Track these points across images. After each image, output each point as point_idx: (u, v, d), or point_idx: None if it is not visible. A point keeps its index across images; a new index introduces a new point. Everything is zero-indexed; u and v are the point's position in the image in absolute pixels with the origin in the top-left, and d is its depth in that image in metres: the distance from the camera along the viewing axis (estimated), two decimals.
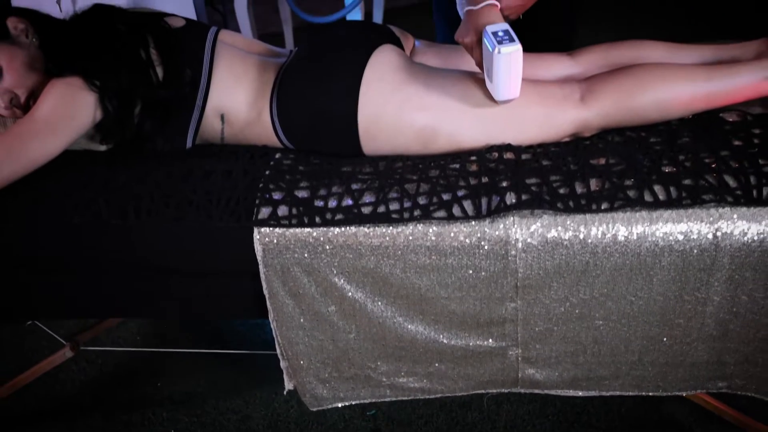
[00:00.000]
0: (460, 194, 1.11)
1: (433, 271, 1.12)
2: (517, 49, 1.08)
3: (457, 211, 1.09)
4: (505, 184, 1.11)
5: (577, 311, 1.14)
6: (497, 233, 1.08)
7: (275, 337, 1.22)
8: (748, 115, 1.22)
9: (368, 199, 1.12)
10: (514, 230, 1.08)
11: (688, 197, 1.06)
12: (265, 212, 1.12)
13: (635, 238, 1.07)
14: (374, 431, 1.56)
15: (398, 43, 1.35)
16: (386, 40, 1.29)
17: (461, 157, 1.19)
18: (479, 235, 1.09)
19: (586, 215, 1.07)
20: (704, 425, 1.48)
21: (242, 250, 1.13)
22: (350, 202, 1.12)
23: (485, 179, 1.12)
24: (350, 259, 1.12)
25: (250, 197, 1.14)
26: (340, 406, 1.31)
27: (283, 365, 1.27)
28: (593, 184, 1.10)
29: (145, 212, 1.13)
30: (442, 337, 1.19)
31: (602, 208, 1.07)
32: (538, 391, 1.26)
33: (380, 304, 1.16)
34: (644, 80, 1.18)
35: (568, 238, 1.08)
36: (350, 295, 1.15)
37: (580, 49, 1.37)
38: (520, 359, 1.21)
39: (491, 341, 1.19)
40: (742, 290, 1.09)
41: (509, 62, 1.09)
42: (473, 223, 1.09)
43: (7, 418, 1.63)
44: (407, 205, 1.11)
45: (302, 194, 1.14)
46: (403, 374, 1.25)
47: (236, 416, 1.63)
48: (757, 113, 1.23)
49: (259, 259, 1.13)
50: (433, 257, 1.11)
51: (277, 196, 1.14)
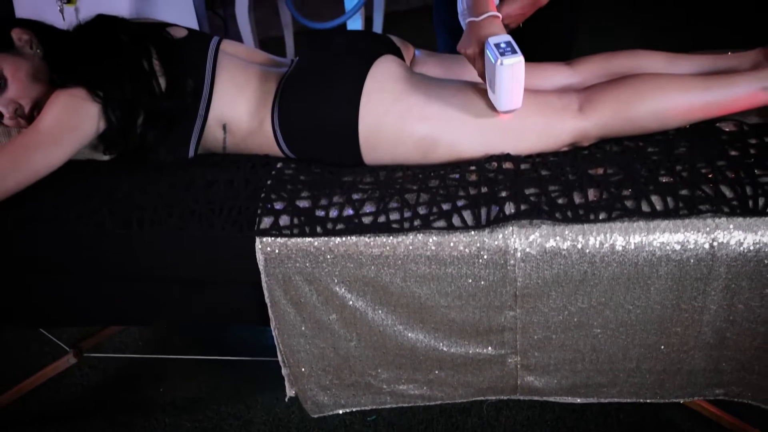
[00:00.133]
0: (459, 204, 1.12)
1: (433, 280, 1.13)
2: (519, 60, 1.10)
3: (456, 221, 1.11)
4: (504, 194, 1.12)
5: (575, 320, 1.15)
6: (496, 243, 1.10)
7: (277, 344, 1.23)
8: (744, 124, 1.23)
9: (369, 209, 1.14)
10: (513, 240, 1.09)
11: (684, 207, 1.07)
12: (266, 222, 1.13)
13: (633, 247, 1.08)
14: None
15: (398, 53, 1.37)
16: (387, 50, 1.31)
17: (461, 166, 1.20)
18: (478, 244, 1.10)
19: (584, 225, 1.09)
20: (702, 431, 1.49)
21: (244, 259, 1.14)
22: (351, 212, 1.13)
23: (485, 189, 1.14)
24: (351, 268, 1.13)
25: (252, 207, 1.15)
26: (341, 412, 1.33)
27: (284, 372, 1.28)
28: (591, 194, 1.11)
29: (148, 222, 1.15)
30: (441, 345, 1.20)
31: (600, 218, 1.08)
32: (537, 397, 1.27)
33: (381, 312, 1.17)
34: (642, 91, 1.20)
35: (566, 247, 1.09)
36: (351, 303, 1.17)
37: (578, 58, 1.39)
38: (519, 367, 1.22)
39: (490, 349, 1.20)
40: (738, 299, 1.11)
41: (511, 74, 1.10)
42: (473, 233, 1.10)
43: (11, 423, 1.65)
44: (407, 215, 1.12)
45: (303, 204, 1.15)
46: (403, 381, 1.26)
47: (238, 422, 1.64)
48: (753, 123, 1.24)
49: (261, 268, 1.14)
50: (433, 266, 1.12)
51: (278, 205, 1.15)
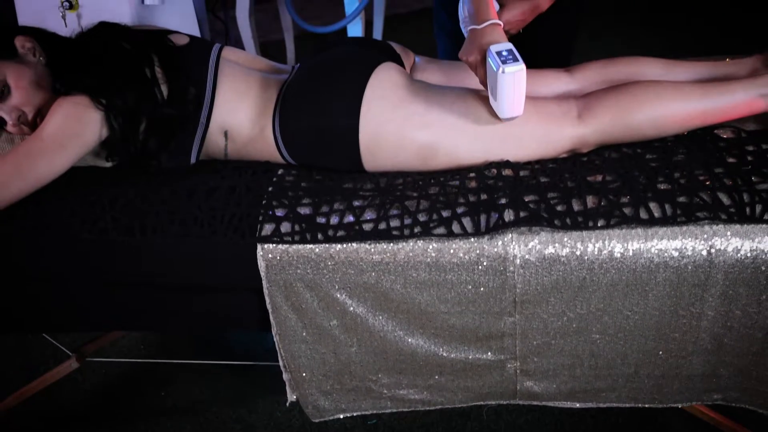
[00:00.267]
0: (459, 211, 1.13)
1: (433, 286, 1.14)
2: (520, 68, 1.11)
3: (456, 228, 1.12)
4: (503, 201, 1.13)
5: (574, 325, 1.16)
6: (496, 250, 1.11)
7: (278, 350, 1.24)
8: (742, 131, 1.24)
9: (369, 215, 1.14)
10: (512, 247, 1.10)
11: (682, 215, 1.08)
12: (268, 229, 1.14)
13: (631, 254, 1.09)
14: None
15: (398, 59, 1.38)
16: (387, 57, 1.31)
17: (460, 173, 1.21)
18: (478, 251, 1.11)
19: (582, 232, 1.10)
20: None
21: (246, 265, 1.15)
22: (352, 218, 1.14)
23: (484, 196, 1.15)
24: (352, 274, 1.14)
25: (253, 214, 1.16)
26: (341, 417, 1.34)
27: (285, 377, 1.29)
28: (590, 201, 1.12)
29: (150, 229, 1.16)
30: (441, 350, 1.21)
31: (599, 225, 1.09)
32: (536, 402, 1.28)
33: (381, 318, 1.18)
34: (640, 98, 1.21)
35: (565, 254, 1.10)
36: (352, 309, 1.17)
37: (577, 65, 1.40)
38: (518, 372, 1.23)
39: (490, 354, 1.21)
40: (735, 305, 1.12)
41: (513, 81, 1.12)
42: (472, 239, 1.11)
43: (13, 427, 1.65)
44: (408, 222, 1.13)
45: (305, 211, 1.16)
46: (403, 386, 1.27)
47: (239, 426, 1.65)
48: (751, 129, 1.25)
49: (262, 274, 1.15)
50: (432, 273, 1.13)
51: (280, 212, 1.16)
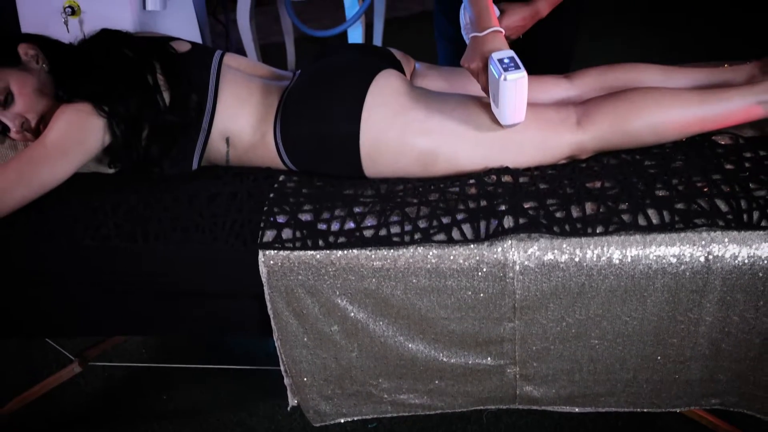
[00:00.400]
0: (459, 218, 1.14)
1: (433, 292, 1.15)
2: (522, 76, 1.12)
3: (456, 234, 1.12)
4: (503, 207, 1.14)
5: (573, 331, 1.17)
6: (495, 256, 1.11)
7: (279, 355, 1.25)
8: (740, 138, 1.25)
9: (370, 222, 1.15)
10: (511, 253, 1.11)
11: (680, 221, 1.09)
12: (269, 235, 1.15)
13: (629, 260, 1.10)
14: None
15: (399, 66, 1.39)
16: (388, 64, 1.33)
17: (460, 180, 1.22)
18: (478, 258, 1.12)
19: (581, 238, 1.10)
20: None
21: (247, 271, 1.16)
22: (352, 225, 1.15)
23: (484, 203, 1.16)
24: (352, 280, 1.15)
25: (254, 220, 1.17)
26: (342, 421, 1.35)
27: (287, 382, 1.30)
28: (589, 207, 1.13)
29: (153, 236, 1.16)
30: (441, 355, 1.22)
31: (597, 231, 1.10)
32: (535, 407, 1.29)
33: (382, 323, 1.19)
34: (639, 105, 1.22)
35: (564, 260, 1.11)
36: (352, 315, 1.18)
37: (576, 72, 1.41)
38: (518, 377, 1.24)
39: (490, 360, 1.22)
40: (733, 311, 1.12)
41: (515, 89, 1.13)
42: (472, 246, 1.12)
43: (17, 431, 1.66)
44: (408, 228, 1.14)
45: (306, 217, 1.17)
46: (404, 391, 1.28)
47: (240, 429, 1.66)
48: (748, 136, 1.26)
49: (263, 280, 1.16)
50: (433, 279, 1.14)
51: (281, 219, 1.17)
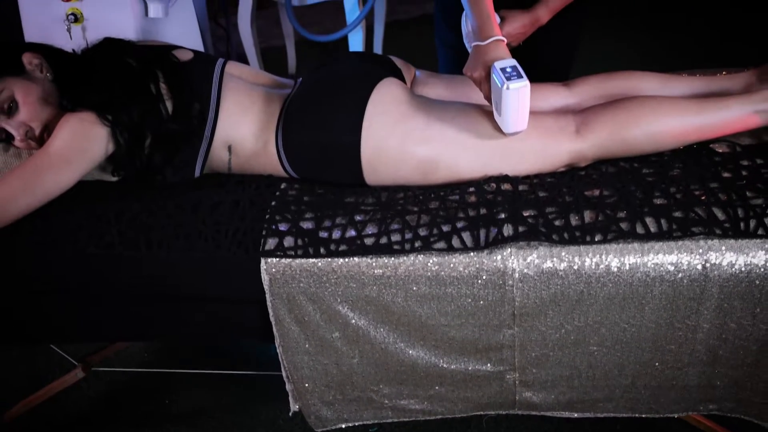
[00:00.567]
0: (459, 226, 1.15)
1: (433, 299, 1.16)
2: (525, 85, 1.13)
3: (456, 242, 1.14)
4: (502, 215, 1.15)
5: (572, 337, 1.18)
6: (495, 264, 1.13)
7: (281, 361, 1.26)
8: (737, 145, 1.26)
9: (371, 230, 1.17)
10: (511, 261, 1.12)
11: (678, 229, 1.10)
12: (271, 243, 1.16)
13: (627, 268, 1.11)
14: None
15: (399, 74, 1.40)
16: (388, 72, 1.34)
17: (460, 188, 1.23)
18: (478, 265, 1.13)
19: (580, 246, 1.12)
20: None
21: (250, 279, 1.17)
22: (353, 233, 1.16)
23: (483, 211, 1.17)
24: (354, 288, 1.16)
25: (257, 228, 1.18)
26: (343, 426, 1.36)
27: (288, 388, 1.31)
28: (587, 216, 1.14)
29: (156, 244, 1.18)
30: (442, 361, 1.23)
31: (596, 239, 1.11)
32: (535, 412, 1.30)
33: (382, 330, 1.20)
34: (637, 114, 1.23)
35: (563, 268, 1.12)
36: (353, 322, 1.20)
37: (575, 79, 1.42)
38: (517, 383, 1.25)
39: (489, 366, 1.23)
40: (730, 318, 1.14)
41: (517, 97, 1.14)
42: (472, 254, 1.13)
43: None
44: (408, 236, 1.15)
45: (307, 225, 1.18)
46: (404, 397, 1.29)
47: None
48: (745, 144, 1.27)
49: (266, 288, 1.17)
50: (433, 287, 1.15)
51: (283, 227, 1.18)
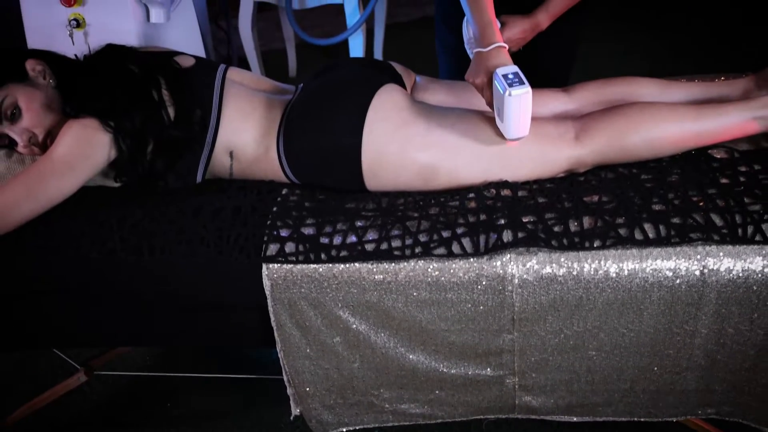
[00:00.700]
0: (459, 231, 1.16)
1: (433, 305, 1.17)
2: (526, 91, 1.14)
3: (456, 248, 1.14)
4: (502, 221, 1.16)
5: (571, 342, 1.19)
6: (495, 270, 1.14)
7: (282, 366, 1.27)
8: (735, 151, 1.27)
9: (371, 236, 1.18)
10: (510, 267, 1.13)
11: (676, 235, 1.11)
12: (273, 249, 1.17)
13: (626, 274, 1.12)
14: None
15: (400, 80, 1.40)
16: (389, 78, 1.34)
17: (460, 193, 1.24)
18: (477, 271, 1.14)
19: (579, 252, 1.13)
20: None
21: (251, 284, 1.18)
22: (354, 239, 1.17)
23: (483, 217, 1.18)
24: (354, 293, 1.17)
25: (258, 234, 1.19)
26: (344, 430, 1.37)
27: (289, 392, 1.32)
28: (586, 222, 1.15)
29: (158, 249, 1.19)
30: (442, 366, 1.24)
31: (595, 245, 1.12)
32: (534, 416, 1.31)
33: (383, 335, 1.21)
34: (636, 120, 1.24)
35: (562, 274, 1.13)
36: (354, 327, 1.21)
37: (574, 85, 1.43)
38: (517, 387, 1.26)
39: (489, 370, 1.24)
40: (728, 323, 1.15)
41: (519, 104, 1.15)
42: (472, 260, 1.14)
43: None
44: (408, 242, 1.16)
45: (308, 231, 1.19)
46: (405, 401, 1.30)
47: None
48: (743, 149, 1.28)
49: (267, 293, 1.18)
50: (433, 292, 1.16)
51: (284, 233, 1.19)
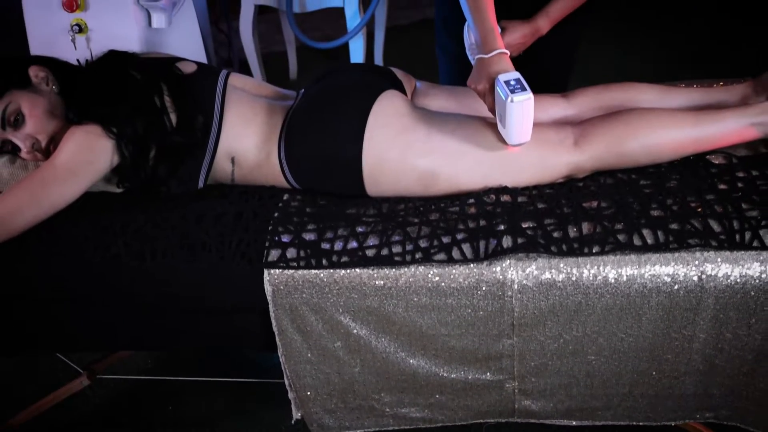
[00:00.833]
0: (459, 237, 1.17)
1: (433, 310, 1.18)
2: (528, 97, 1.15)
3: (456, 254, 1.15)
4: (502, 227, 1.17)
5: (570, 347, 1.20)
6: (494, 275, 1.14)
7: (284, 370, 1.28)
8: (733, 157, 1.28)
9: (372, 241, 1.18)
10: (510, 272, 1.14)
11: (674, 241, 1.12)
12: (274, 254, 1.18)
13: (625, 279, 1.13)
14: None
15: (400, 85, 1.41)
16: (389, 84, 1.35)
17: (460, 199, 1.25)
18: (477, 277, 1.15)
19: (578, 258, 1.13)
20: None
21: (253, 289, 1.19)
22: (355, 244, 1.18)
23: (483, 222, 1.18)
24: (355, 299, 1.18)
25: (260, 239, 1.20)
26: None
27: (291, 396, 1.33)
28: (585, 227, 1.16)
29: (161, 254, 1.20)
30: (442, 370, 1.25)
31: (593, 251, 1.13)
32: (533, 420, 1.32)
33: (384, 340, 1.22)
34: (635, 126, 1.24)
35: (561, 279, 1.14)
36: (355, 332, 1.21)
37: (574, 90, 1.43)
38: (516, 391, 1.27)
39: (489, 375, 1.25)
40: (726, 328, 1.15)
41: (522, 110, 1.16)
42: (472, 265, 1.15)
43: None
44: (409, 248, 1.17)
45: (310, 237, 1.20)
46: (405, 405, 1.31)
47: None
48: (742, 155, 1.29)
49: (269, 298, 1.19)
50: (433, 297, 1.17)
51: (285, 238, 1.20)
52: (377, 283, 1.17)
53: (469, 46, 1.47)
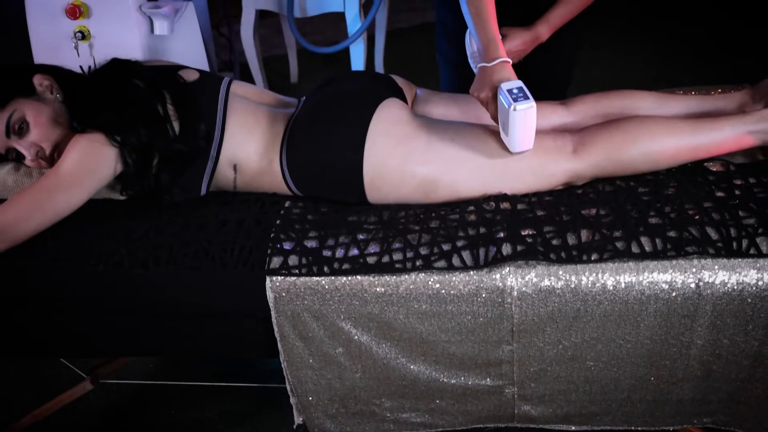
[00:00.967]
0: (459, 245, 1.18)
1: (434, 317, 1.19)
2: (531, 106, 1.16)
3: (456, 261, 1.17)
4: (501, 234, 1.18)
5: (569, 353, 1.21)
6: (494, 282, 1.16)
7: (285, 375, 1.29)
8: (731, 164, 1.29)
9: (373, 249, 1.20)
10: (510, 279, 1.15)
11: (672, 249, 1.13)
12: (276, 262, 1.19)
13: (623, 286, 1.14)
14: None
15: (401, 93, 1.43)
16: (390, 93, 1.37)
17: (460, 207, 1.26)
18: (477, 284, 1.16)
19: (577, 266, 1.15)
20: None
21: (255, 296, 1.20)
22: (356, 251, 1.19)
23: (483, 230, 1.20)
24: (356, 305, 1.19)
25: (262, 247, 1.21)
26: None
27: (293, 401, 1.34)
28: (584, 235, 1.17)
29: (164, 262, 1.21)
30: (442, 376, 1.26)
31: (592, 258, 1.14)
32: (533, 425, 1.33)
33: (385, 346, 1.23)
34: (633, 134, 1.26)
35: (560, 286, 1.15)
36: (356, 338, 1.23)
37: (573, 98, 1.45)
38: (516, 397, 1.28)
39: (489, 380, 1.26)
40: (723, 335, 1.17)
41: (524, 118, 1.17)
42: (472, 272, 1.16)
43: None
44: (410, 255, 1.18)
45: (311, 244, 1.21)
46: (406, 410, 1.32)
47: None
48: (739, 162, 1.30)
49: (271, 305, 1.20)
50: (434, 304, 1.18)
51: (287, 245, 1.21)
52: (378, 290, 1.18)
53: (471, 54, 1.49)
